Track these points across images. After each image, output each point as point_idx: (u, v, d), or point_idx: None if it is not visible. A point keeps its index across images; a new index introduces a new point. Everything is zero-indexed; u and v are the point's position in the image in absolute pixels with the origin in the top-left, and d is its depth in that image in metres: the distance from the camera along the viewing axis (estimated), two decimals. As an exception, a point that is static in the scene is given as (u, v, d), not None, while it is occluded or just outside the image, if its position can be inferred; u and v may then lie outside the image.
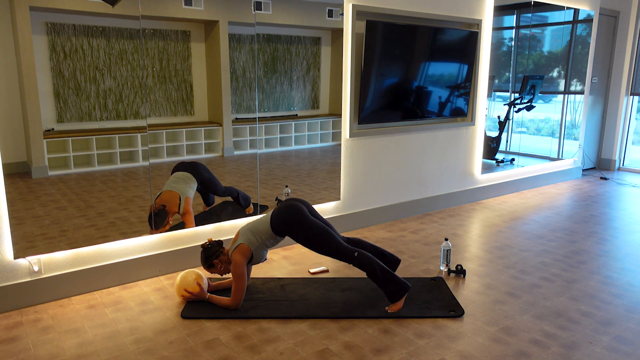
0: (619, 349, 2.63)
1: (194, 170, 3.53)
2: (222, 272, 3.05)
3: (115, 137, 3.24)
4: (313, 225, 2.94)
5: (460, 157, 5.35)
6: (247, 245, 2.97)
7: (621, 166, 7.57)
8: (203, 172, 3.57)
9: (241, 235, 3.02)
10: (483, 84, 5.37)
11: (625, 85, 7.28)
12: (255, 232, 3.01)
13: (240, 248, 2.96)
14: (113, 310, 3.00)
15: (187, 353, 2.56)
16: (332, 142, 4.29)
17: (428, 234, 4.46)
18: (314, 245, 2.95)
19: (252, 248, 2.98)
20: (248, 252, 2.97)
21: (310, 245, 2.96)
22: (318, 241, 2.94)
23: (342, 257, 2.94)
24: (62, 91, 3.01)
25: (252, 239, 2.99)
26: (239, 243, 2.98)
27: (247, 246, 2.97)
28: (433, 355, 2.56)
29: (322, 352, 2.57)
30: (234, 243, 3.01)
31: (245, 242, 2.98)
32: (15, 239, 2.95)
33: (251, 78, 3.74)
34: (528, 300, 3.18)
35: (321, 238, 2.93)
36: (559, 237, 4.41)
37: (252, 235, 3.00)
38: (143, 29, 3.21)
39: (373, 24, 4.20)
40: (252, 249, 2.98)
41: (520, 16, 5.60)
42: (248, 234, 3.01)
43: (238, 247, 2.97)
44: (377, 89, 4.42)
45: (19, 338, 2.69)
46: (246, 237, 3.00)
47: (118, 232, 3.28)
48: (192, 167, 3.52)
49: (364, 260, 2.92)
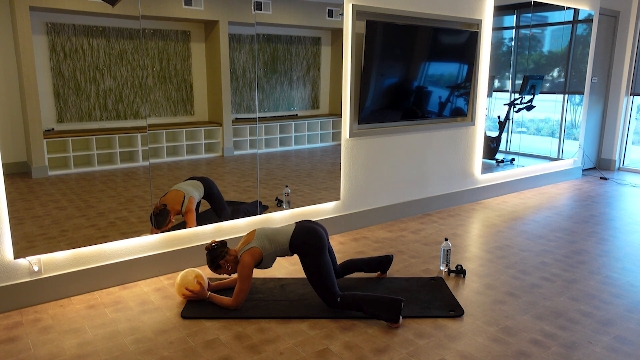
0: (619, 349, 2.63)
1: (205, 181, 3.61)
2: (230, 272, 3.04)
3: (115, 137, 3.24)
4: (324, 263, 2.95)
5: (460, 157, 5.35)
6: (261, 250, 2.96)
7: (621, 166, 7.57)
8: (212, 187, 3.64)
9: (257, 238, 3.00)
10: (483, 84, 5.37)
11: (625, 85, 7.28)
12: (272, 241, 3.00)
13: (252, 251, 2.95)
14: (113, 310, 3.00)
15: (187, 353, 2.56)
16: (332, 142, 4.29)
17: (428, 234, 4.46)
18: (314, 277, 2.94)
19: (264, 254, 2.98)
20: (259, 257, 2.96)
21: (309, 275, 2.96)
22: (318, 277, 2.93)
23: (328, 299, 2.94)
24: (62, 91, 3.01)
25: (267, 246, 2.99)
26: (252, 246, 2.96)
27: (260, 251, 2.96)
28: (433, 355, 2.56)
29: (322, 352, 2.57)
30: (246, 244, 2.99)
31: (259, 246, 2.97)
32: (15, 239, 2.95)
33: (251, 78, 3.74)
34: (528, 300, 3.18)
35: (322, 276, 2.93)
36: (559, 237, 4.42)
37: (269, 243, 2.99)
38: (143, 29, 3.21)
39: (373, 24, 4.20)
40: (264, 255, 2.98)
41: (520, 16, 5.60)
42: (265, 240, 3.00)
43: (251, 249, 2.95)
44: (377, 89, 4.42)
45: (19, 338, 2.69)
46: (261, 243, 2.98)
47: (118, 232, 3.28)
48: (204, 179, 3.61)
49: (348, 302, 2.91)
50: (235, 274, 3.23)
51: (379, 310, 2.85)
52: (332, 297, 2.94)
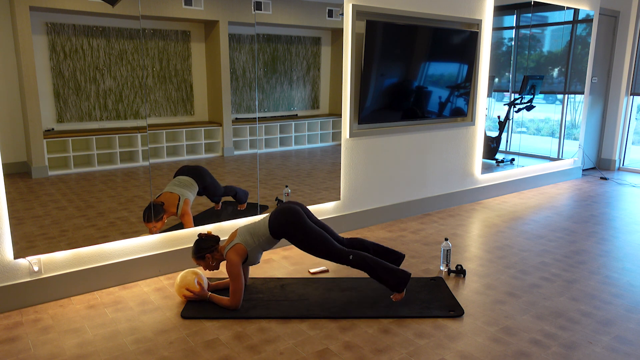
0: (619, 349, 2.63)
1: (197, 175, 3.55)
2: (210, 268, 3.07)
3: (115, 137, 3.24)
4: (310, 229, 2.98)
5: (460, 157, 5.35)
6: (244, 245, 2.98)
7: (621, 166, 7.57)
8: (206, 177, 3.59)
9: (239, 235, 3.02)
10: (483, 84, 5.37)
11: (625, 85, 7.28)
12: (253, 234, 3.02)
13: (236, 248, 2.96)
14: (113, 310, 3.00)
15: (187, 353, 2.56)
16: (332, 142, 4.29)
17: (428, 234, 4.46)
18: (310, 248, 2.98)
19: (248, 249, 2.99)
20: (244, 252, 2.98)
21: (306, 248, 2.99)
22: (314, 244, 2.97)
23: (337, 259, 2.99)
24: (62, 91, 3.01)
25: (249, 240, 3.00)
26: (235, 243, 2.98)
27: (244, 246, 2.98)
28: (433, 355, 2.56)
29: (322, 352, 2.57)
30: (229, 242, 3.01)
31: (242, 242, 2.99)
32: (15, 239, 2.95)
33: (251, 78, 3.74)
34: (528, 300, 3.18)
35: (317, 241, 2.97)
36: (559, 237, 4.42)
37: (250, 237, 3.01)
38: (143, 29, 3.21)
39: (373, 24, 4.20)
40: (248, 250, 2.99)
41: (520, 16, 5.60)
42: (246, 235, 3.02)
43: (234, 246, 2.97)
44: (377, 89, 4.42)
45: (19, 338, 2.69)
46: (243, 238, 3.00)
47: (118, 232, 3.28)
48: (195, 173, 3.54)
49: (360, 260, 2.97)
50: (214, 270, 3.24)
51: (388, 276, 2.97)
52: (341, 257, 2.97)
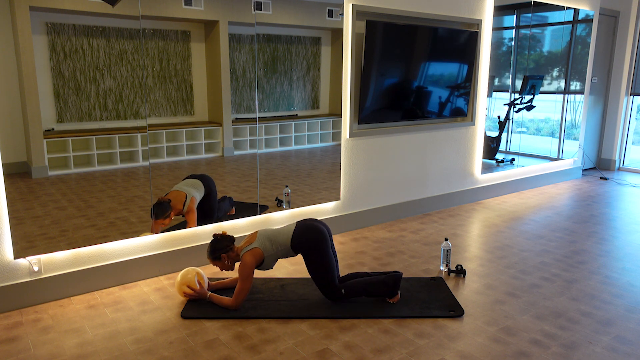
0: (619, 349, 2.63)
1: (204, 179, 3.61)
2: (226, 268, 3.05)
3: (115, 137, 3.24)
4: (328, 258, 3.01)
5: (460, 157, 5.35)
6: (262, 251, 2.98)
7: (621, 166, 7.57)
8: (212, 185, 3.64)
9: (258, 239, 3.01)
10: (483, 84, 5.37)
11: (625, 85, 7.28)
12: (273, 242, 3.02)
13: (254, 251, 2.96)
14: (113, 310, 3.00)
15: (187, 353, 2.56)
16: (332, 142, 4.29)
17: (428, 234, 4.46)
18: (318, 274, 3.01)
19: (265, 255, 2.99)
20: (261, 257, 2.97)
21: (313, 272, 3.02)
22: (323, 273, 3.01)
23: (332, 294, 3.05)
24: (62, 91, 3.01)
25: (268, 247, 3.00)
26: (254, 246, 2.97)
27: (262, 252, 2.97)
28: (433, 355, 2.56)
29: (322, 352, 2.57)
30: (248, 244, 3.00)
31: (260, 247, 2.98)
32: (15, 239, 2.95)
33: (251, 78, 3.74)
34: (528, 300, 3.18)
35: (326, 271, 3.01)
36: (559, 237, 4.42)
37: (270, 244, 3.01)
38: (143, 29, 3.21)
39: (373, 24, 4.20)
40: (265, 256, 2.99)
41: (520, 16, 5.60)
42: (266, 241, 3.01)
43: (252, 250, 2.96)
44: (377, 89, 4.42)
45: (19, 338, 2.69)
46: (262, 243, 2.99)
47: (118, 232, 3.28)
48: (203, 177, 3.61)
49: (351, 291, 3.06)
50: (229, 271, 3.24)
51: (379, 289, 3.05)
52: (335, 292, 3.03)
